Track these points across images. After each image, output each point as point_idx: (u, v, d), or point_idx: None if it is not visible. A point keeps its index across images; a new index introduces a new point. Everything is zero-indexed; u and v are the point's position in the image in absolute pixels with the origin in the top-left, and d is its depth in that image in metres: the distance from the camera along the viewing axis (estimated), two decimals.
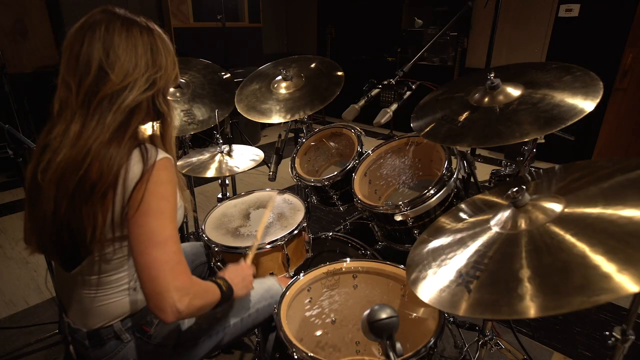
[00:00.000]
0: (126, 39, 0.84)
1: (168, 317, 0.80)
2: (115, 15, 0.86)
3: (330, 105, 1.81)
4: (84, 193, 0.82)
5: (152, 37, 0.89)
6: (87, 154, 0.82)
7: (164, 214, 0.85)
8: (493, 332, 1.59)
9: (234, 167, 1.75)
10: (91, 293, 0.95)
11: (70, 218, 0.84)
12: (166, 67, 0.91)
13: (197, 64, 2.11)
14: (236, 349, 1.81)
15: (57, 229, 0.86)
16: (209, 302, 0.93)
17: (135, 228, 0.83)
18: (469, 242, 0.85)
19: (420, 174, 1.65)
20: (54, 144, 0.84)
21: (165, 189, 0.86)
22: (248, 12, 5.70)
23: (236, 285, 1.03)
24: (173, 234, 0.85)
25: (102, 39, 0.83)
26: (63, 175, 0.83)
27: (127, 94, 0.85)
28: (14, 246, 2.76)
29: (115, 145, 0.83)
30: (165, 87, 0.93)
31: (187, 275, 0.85)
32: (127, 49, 0.84)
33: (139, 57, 0.86)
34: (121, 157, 0.83)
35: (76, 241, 0.87)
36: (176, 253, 0.84)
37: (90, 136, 0.82)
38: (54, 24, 4.01)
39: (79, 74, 0.83)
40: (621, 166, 0.83)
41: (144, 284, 0.81)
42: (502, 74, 1.20)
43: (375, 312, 0.72)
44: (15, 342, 1.89)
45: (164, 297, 0.79)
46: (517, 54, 4.24)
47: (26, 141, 1.53)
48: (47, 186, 0.84)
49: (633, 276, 0.56)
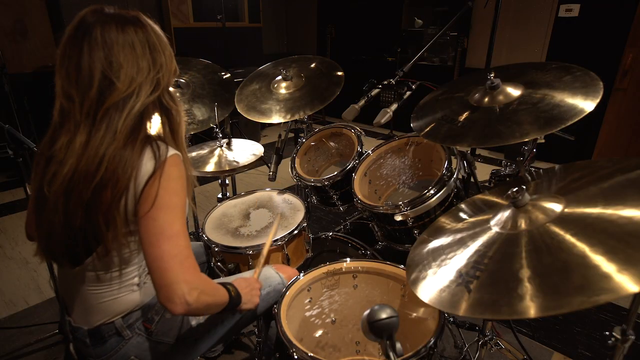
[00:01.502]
0: (124, 41, 0.83)
1: (177, 308, 0.81)
2: (109, 16, 0.84)
3: (330, 105, 1.81)
4: (100, 202, 0.83)
5: (146, 33, 0.87)
6: (101, 162, 0.82)
7: (175, 209, 0.86)
8: (493, 332, 1.59)
9: (234, 161, 1.75)
10: (95, 289, 0.96)
11: (86, 227, 0.85)
12: (166, 62, 0.90)
13: (197, 64, 2.11)
14: (236, 349, 1.81)
15: (70, 238, 0.87)
16: (217, 301, 0.93)
17: (149, 221, 0.84)
18: (469, 242, 0.85)
19: (420, 174, 1.65)
20: (59, 156, 0.84)
21: (176, 184, 0.87)
22: (248, 12, 5.70)
23: (245, 295, 1.04)
24: (183, 229, 0.86)
25: (101, 45, 0.82)
26: (73, 187, 0.83)
27: (135, 100, 0.85)
28: (14, 246, 2.76)
29: (129, 150, 0.84)
30: (168, 84, 0.93)
31: (197, 270, 0.87)
32: (128, 52, 0.83)
33: (140, 59, 0.85)
34: (134, 159, 0.84)
35: (90, 248, 0.88)
36: (186, 247, 0.85)
37: (101, 144, 0.82)
38: (54, 24, 4.01)
39: (82, 85, 0.82)
40: (621, 166, 0.83)
41: (154, 276, 0.82)
42: (502, 74, 1.20)
43: (375, 312, 0.72)
44: (15, 342, 1.89)
45: (174, 288, 0.80)
46: (517, 54, 4.24)
47: (26, 141, 1.53)
48: (54, 197, 0.84)
49: (633, 276, 0.56)
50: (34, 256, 0.94)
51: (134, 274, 0.98)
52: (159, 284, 0.82)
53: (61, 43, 0.84)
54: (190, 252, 0.86)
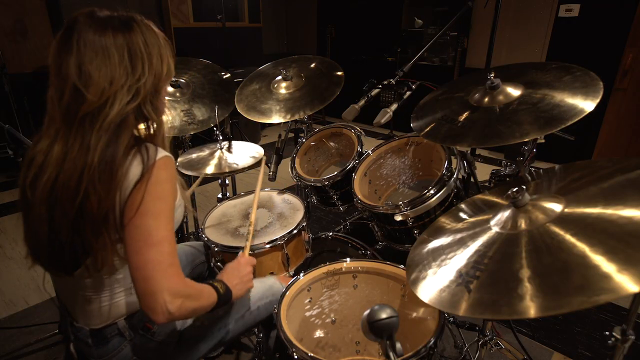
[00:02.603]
0: (98, 47, 0.79)
1: (158, 317, 0.80)
2: (94, 20, 0.81)
3: (330, 105, 1.81)
4: (86, 212, 0.81)
5: (128, 38, 0.82)
6: (81, 178, 0.79)
7: (161, 215, 0.83)
8: (493, 332, 1.58)
9: (234, 163, 1.75)
10: (94, 294, 0.95)
11: (74, 240, 0.83)
12: (150, 70, 0.85)
13: (197, 64, 2.11)
14: (236, 349, 1.81)
15: (56, 249, 0.85)
16: (203, 305, 0.91)
17: (132, 228, 0.81)
18: (469, 242, 0.85)
19: (420, 174, 1.65)
20: (38, 159, 0.83)
21: (163, 188, 0.85)
22: (248, 12, 5.70)
23: (235, 286, 1.02)
24: (168, 235, 0.84)
25: (75, 53, 0.79)
26: (56, 201, 0.81)
27: (109, 110, 0.81)
28: (14, 246, 2.76)
29: (110, 160, 0.80)
30: (156, 90, 0.88)
31: (180, 277, 0.84)
32: (100, 62, 0.79)
33: (114, 69, 0.80)
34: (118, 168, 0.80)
35: (79, 260, 0.86)
36: (170, 254, 0.82)
37: (77, 159, 0.79)
38: (54, 24, 4.01)
39: (59, 91, 0.81)
40: (621, 166, 0.83)
41: (136, 283, 0.81)
42: (502, 74, 1.20)
43: (375, 312, 0.72)
44: (15, 342, 1.89)
45: (156, 297, 0.79)
46: (517, 54, 4.24)
47: (26, 141, 1.53)
48: (38, 205, 0.82)
49: (633, 276, 0.56)
50: (25, 258, 0.92)
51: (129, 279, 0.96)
52: (141, 292, 0.80)
53: (52, 45, 0.83)
54: (174, 259, 0.83)
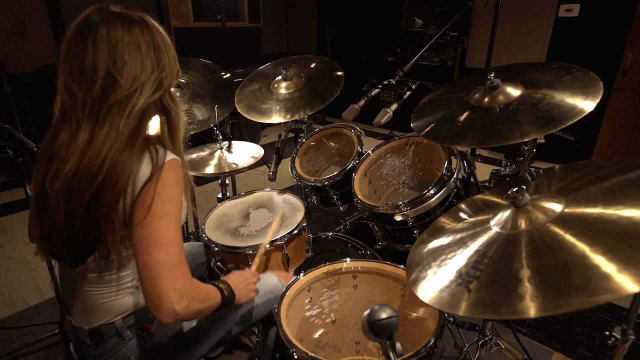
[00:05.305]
0: (129, 40, 0.83)
1: (165, 317, 0.81)
2: (114, 15, 0.85)
3: (330, 105, 1.81)
4: (101, 203, 0.82)
5: (152, 33, 0.87)
6: (103, 163, 0.81)
7: (169, 215, 0.85)
8: (493, 332, 1.58)
9: (233, 163, 1.75)
10: (95, 290, 0.96)
11: (86, 227, 0.85)
12: (169, 64, 0.90)
13: (197, 64, 2.11)
14: (236, 349, 1.81)
15: (72, 237, 0.86)
16: (208, 306, 0.93)
17: (141, 228, 0.83)
18: (469, 242, 0.85)
19: (420, 174, 1.65)
20: (60, 153, 0.84)
21: (171, 190, 0.87)
22: (248, 12, 5.70)
23: (239, 291, 1.03)
24: (176, 235, 0.85)
25: (106, 43, 0.82)
26: (74, 186, 0.82)
27: (138, 97, 0.85)
28: (14, 246, 2.76)
29: (129, 151, 0.84)
30: (170, 85, 0.93)
31: (187, 277, 0.85)
32: (133, 51, 0.84)
33: (144, 58, 0.85)
34: (134, 162, 0.84)
35: (92, 246, 0.88)
36: (177, 255, 0.84)
37: (104, 144, 0.82)
38: (54, 24, 4.01)
39: (85, 81, 0.82)
40: (621, 166, 0.83)
41: (143, 283, 0.82)
42: (502, 74, 1.20)
43: (375, 312, 0.72)
44: (15, 342, 1.89)
45: (162, 297, 0.80)
46: (517, 54, 4.24)
47: (26, 141, 1.53)
48: (56, 195, 0.84)
49: (633, 276, 0.56)
50: (34, 256, 0.94)
51: (130, 277, 0.98)
52: (148, 292, 0.81)
53: (65, 39, 0.84)
54: (182, 260, 0.85)
